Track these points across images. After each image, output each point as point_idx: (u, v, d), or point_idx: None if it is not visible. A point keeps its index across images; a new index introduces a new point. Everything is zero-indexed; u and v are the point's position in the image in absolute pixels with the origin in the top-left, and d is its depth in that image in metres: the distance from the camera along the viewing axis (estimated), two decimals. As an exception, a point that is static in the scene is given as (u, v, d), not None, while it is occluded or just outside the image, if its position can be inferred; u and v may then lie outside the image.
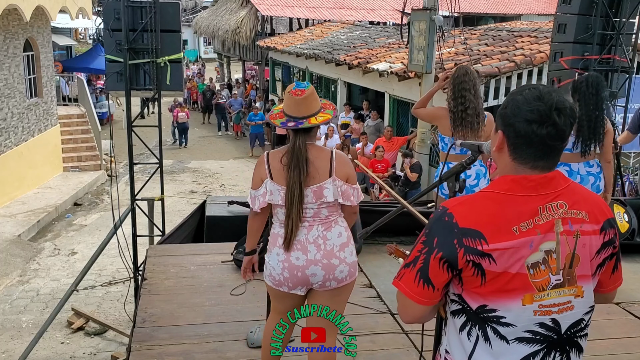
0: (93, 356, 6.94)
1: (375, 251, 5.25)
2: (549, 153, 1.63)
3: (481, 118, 4.15)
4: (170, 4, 5.75)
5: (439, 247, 1.60)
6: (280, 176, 2.80)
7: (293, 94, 2.81)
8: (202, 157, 17.21)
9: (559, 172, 1.68)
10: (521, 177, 1.63)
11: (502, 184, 1.65)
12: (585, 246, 1.65)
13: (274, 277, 2.87)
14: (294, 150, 2.77)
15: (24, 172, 12.66)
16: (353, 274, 2.89)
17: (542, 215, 1.61)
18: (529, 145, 1.61)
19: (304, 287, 2.86)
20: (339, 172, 2.82)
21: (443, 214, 1.64)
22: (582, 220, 1.65)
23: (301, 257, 2.80)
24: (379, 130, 12.97)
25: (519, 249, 1.58)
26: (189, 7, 37.13)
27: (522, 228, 1.58)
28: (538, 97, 1.60)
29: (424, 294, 1.64)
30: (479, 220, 1.59)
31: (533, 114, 1.58)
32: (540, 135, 1.59)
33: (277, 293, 2.92)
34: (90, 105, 16.62)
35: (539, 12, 25.88)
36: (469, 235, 1.58)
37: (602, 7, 6.26)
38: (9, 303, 8.17)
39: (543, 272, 1.60)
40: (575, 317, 1.66)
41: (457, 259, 1.59)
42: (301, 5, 22.28)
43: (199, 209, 6.18)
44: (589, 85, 4.18)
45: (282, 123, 2.82)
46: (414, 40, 9.31)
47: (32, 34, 13.38)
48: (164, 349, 3.60)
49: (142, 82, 5.79)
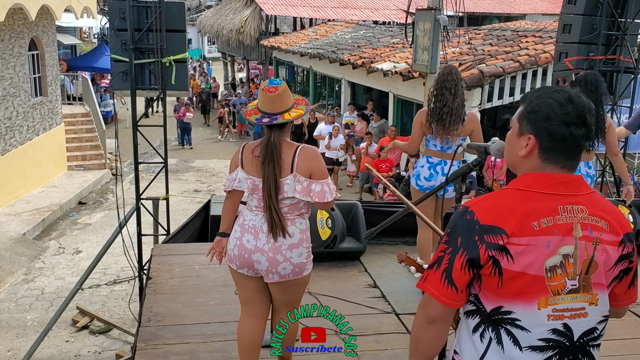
0: (98, 355, 6.96)
1: (379, 251, 5.25)
2: (578, 152, 1.67)
3: (454, 118, 4.20)
4: (176, 4, 5.75)
5: (463, 247, 1.61)
6: (249, 167, 2.93)
7: (267, 91, 2.90)
8: (206, 156, 17.23)
9: (582, 178, 1.69)
10: (543, 174, 1.64)
11: (524, 181, 1.66)
12: (604, 255, 1.64)
13: (228, 253, 3.01)
14: (268, 145, 2.87)
15: (29, 171, 12.70)
16: (298, 273, 2.94)
17: (562, 215, 1.61)
18: (565, 146, 1.64)
19: (250, 270, 2.95)
20: (301, 167, 2.86)
21: (464, 213, 1.65)
22: (602, 229, 1.64)
23: (252, 240, 2.91)
24: (383, 131, 12.97)
25: (536, 247, 1.57)
26: (193, 6, 37.17)
27: (542, 224, 1.59)
28: (569, 99, 1.63)
29: (449, 295, 1.64)
30: (499, 215, 1.60)
31: (570, 116, 1.61)
32: (577, 136, 1.62)
33: (232, 271, 3.05)
34: (94, 104, 16.65)
35: (543, 12, 25.83)
36: (490, 232, 1.58)
37: (608, 8, 6.25)
38: (14, 301, 8.20)
39: (560, 276, 1.60)
40: (589, 325, 1.65)
41: (479, 256, 1.59)
42: (305, 5, 22.28)
43: (204, 208, 6.19)
44: (587, 83, 4.28)
45: (257, 119, 2.94)
46: (418, 40, 9.29)
47: (37, 33, 13.42)
48: (169, 348, 3.62)
49: (147, 81, 5.79)
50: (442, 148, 4.30)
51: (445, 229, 1.71)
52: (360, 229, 4.98)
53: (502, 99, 10.08)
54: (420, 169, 4.40)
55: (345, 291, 4.32)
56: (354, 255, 5.00)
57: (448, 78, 4.22)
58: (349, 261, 4.95)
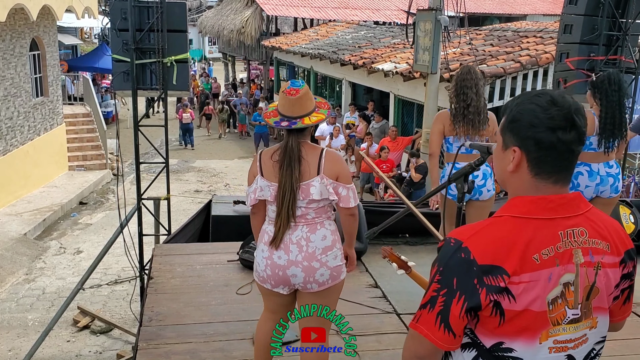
0: (99, 354, 6.97)
1: (381, 252, 5.25)
2: (572, 161, 1.50)
3: (482, 117, 4.16)
4: (177, 4, 5.76)
5: (461, 290, 1.44)
6: (270, 173, 2.81)
7: (287, 94, 2.80)
8: (207, 157, 17.24)
9: (580, 194, 1.54)
10: (540, 197, 1.48)
11: (520, 206, 1.49)
12: (605, 279, 1.51)
13: (258, 273, 2.92)
14: (286, 149, 2.77)
15: (30, 171, 12.71)
16: (336, 277, 2.87)
17: (563, 241, 1.46)
18: (555, 155, 1.47)
19: (286, 286, 2.87)
20: (327, 170, 2.77)
21: (458, 249, 1.46)
22: (604, 251, 1.51)
23: (283, 256, 2.80)
24: (384, 131, 12.98)
25: (538, 282, 1.44)
26: (194, 6, 37.16)
27: (543, 256, 1.44)
28: (552, 102, 1.46)
29: (446, 340, 1.48)
30: (498, 253, 1.43)
31: (555, 120, 1.44)
32: (567, 142, 1.45)
33: (263, 289, 2.97)
34: (95, 104, 16.67)
35: (544, 13, 25.83)
36: (490, 273, 1.42)
37: (609, 8, 6.24)
38: (15, 301, 8.21)
39: (560, 306, 1.47)
40: (587, 349, 1.55)
41: (480, 301, 1.43)
42: (306, 5, 22.29)
43: (205, 208, 6.20)
44: (611, 82, 4.13)
45: (275, 122, 2.83)
46: (419, 41, 9.30)
47: (39, 34, 13.43)
48: (170, 347, 3.62)
49: (148, 81, 5.80)
50: (467, 150, 4.09)
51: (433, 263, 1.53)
52: (362, 229, 4.97)
53: (503, 100, 10.08)
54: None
55: (346, 291, 4.29)
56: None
57: (467, 77, 4.15)
58: (350, 261, 4.94)
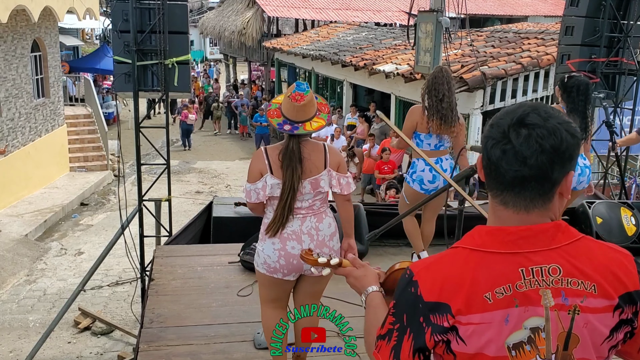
0: (100, 356, 6.97)
1: (382, 253, 5.25)
2: (512, 186, 1.29)
3: (454, 114, 4.29)
4: (178, 6, 5.75)
5: (409, 327, 1.33)
6: (278, 171, 2.94)
7: (292, 99, 2.87)
8: (208, 158, 17.25)
9: (560, 225, 1.31)
10: (497, 228, 1.31)
11: (476, 237, 1.33)
12: (588, 326, 1.28)
13: (269, 265, 3.02)
14: (287, 151, 2.91)
15: (31, 172, 12.72)
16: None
17: (525, 280, 1.27)
18: (488, 171, 1.32)
19: (298, 273, 3.07)
20: (332, 162, 3.00)
21: (409, 283, 1.34)
22: (584, 292, 1.27)
23: (296, 246, 2.96)
24: (385, 133, 12.97)
25: (491, 324, 1.26)
26: (195, 8, 37.21)
27: (497, 295, 1.26)
28: (510, 111, 1.32)
29: None
30: (444, 289, 1.29)
31: (492, 129, 1.31)
32: (494, 158, 1.29)
33: (270, 280, 3.08)
34: (96, 105, 16.69)
35: (545, 14, 25.83)
36: (435, 311, 1.28)
37: (610, 10, 6.25)
38: (16, 302, 8.22)
39: (528, 354, 1.27)
40: None
41: (425, 342, 1.30)
42: (307, 7, 22.31)
43: (206, 210, 6.19)
44: (579, 92, 4.25)
45: (278, 124, 2.94)
46: (420, 42, 9.30)
47: (40, 35, 13.45)
48: (171, 349, 3.62)
49: (149, 83, 5.80)
50: (435, 146, 4.37)
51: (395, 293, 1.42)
52: (363, 230, 4.97)
53: (504, 101, 10.08)
54: (421, 173, 4.41)
55: (347, 293, 4.27)
56: (356, 257, 4.99)
57: (439, 75, 4.31)
58: (351, 263, 4.94)
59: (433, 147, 4.36)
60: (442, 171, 3.88)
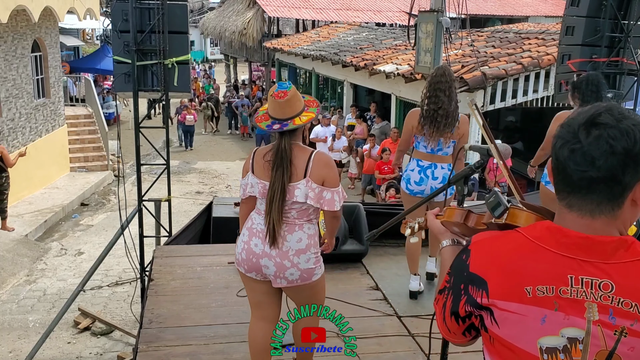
0: (99, 356, 6.96)
1: (382, 253, 5.24)
2: (579, 188, 1.25)
3: (450, 120, 4.13)
4: (178, 6, 5.75)
5: (452, 290, 1.41)
6: (260, 171, 2.91)
7: (275, 97, 2.86)
8: (209, 158, 17.24)
9: (626, 240, 1.24)
10: (557, 228, 1.28)
11: (535, 229, 1.32)
12: (635, 351, 1.20)
13: (236, 257, 3.01)
14: (278, 150, 2.85)
15: (32, 172, 12.71)
16: (306, 279, 2.92)
17: (572, 287, 1.22)
18: (556, 172, 1.30)
19: (259, 274, 2.95)
20: (315, 174, 2.84)
21: (464, 250, 1.40)
22: (636, 316, 1.19)
23: (259, 245, 2.89)
24: (385, 133, 12.97)
25: (525, 318, 1.25)
26: (196, 8, 37.23)
27: (537, 292, 1.24)
28: (583, 111, 1.28)
29: (445, 331, 1.47)
30: (489, 265, 1.31)
31: (563, 129, 1.28)
32: (561, 158, 1.26)
33: (240, 274, 3.05)
34: (97, 105, 16.69)
35: (546, 14, 25.82)
36: (474, 283, 1.32)
37: (611, 10, 6.23)
38: (16, 302, 8.21)
39: None
40: None
41: (458, 307, 1.37)
42: (308, 7, 22.32)
43: (206, 210, 6.20)
44: (589, 84, 4.22)
45: (267, 126, 2.91)
46: (420, 42, 9.30)
47: (40, 35, 13.45)
48: (170, 349, 3.61)
49: (149, 83, 5.79)
50: (432, 150, 4.21)
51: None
52: (363, 230, 4.97)
53: (505, 101, 10.07)
54: (410, 172, 4.29)
55: (347, 293, 4.31)
56: (356, 257, 4.99)
57: (442, 80, 4.13)
58: (351, 263, 4.94)
59: (429, 151, 4.21)
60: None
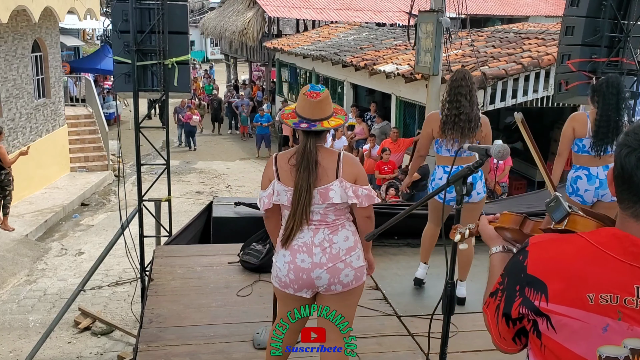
0: (100, 356, 6.97)
1: (382, 253, 5.25)
2: None
3: (473, 125, 4.09)
4: (178, 6, 5.75)
5: (506, 291, 1.38)
6: (287, 177, 2.79)
7: (308, 96, 2.80)
8: (209, 158, 17.25)
9: None
10: (625, 235, 1.23)
11: (600, 235, 1.27)
12: None
13: (280, 279, 2.86)
14: (304, 152, 2.76)
15: (32, 172, 12.72)
16: (360, 278, 2.86)
17: (637, 298, 1.19)
18: (620, 182, 1.25)
19: (310, 289, 2.84)
20: (346, 173, 2.78)
21: (521, 251, 1.38)
22: None
23: (307, 259, 2.78)
24: (385, 132, 12.97)
25: (587, 326, 1.22)
26: (196, 8, 37.24)
27: (600, 300, 1.21)
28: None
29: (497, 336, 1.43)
30: (548, 268, 1.28)
31: (628, 137, 1.23)
32: (628, 166, 1.21)
33: (283, 295, 2.92)
34: (97, 105, 16.70)
35: (546, 14, 25.81)
36: (532, 286, 1.29)
37: (611, 10, 6.23)
38: (16, 302, 8.22)
39: None
40: None
41: (511, 309, 1.34)
42: (308, 7, 22.31)
43: (206, 210, 6.20)
44: (609, 86, 4.17)
45: (294, 123, 2.82)
46: (420, 42, 9.30)
47: (41, 35, 13.46)
48: (170, 349, 3.62)
49: (149, 83, 5.80)
50: (455, 152, 4.11)
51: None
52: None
53: (505, 101, 10.07)
54: (439, 181, 4.19)
55: (347, 293, 4.31)
56: (356, 257, 4.98)
57: (462, 84, 4.08)
58: (350, 263, 4.93)
59: (452, 154, 4.11)
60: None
